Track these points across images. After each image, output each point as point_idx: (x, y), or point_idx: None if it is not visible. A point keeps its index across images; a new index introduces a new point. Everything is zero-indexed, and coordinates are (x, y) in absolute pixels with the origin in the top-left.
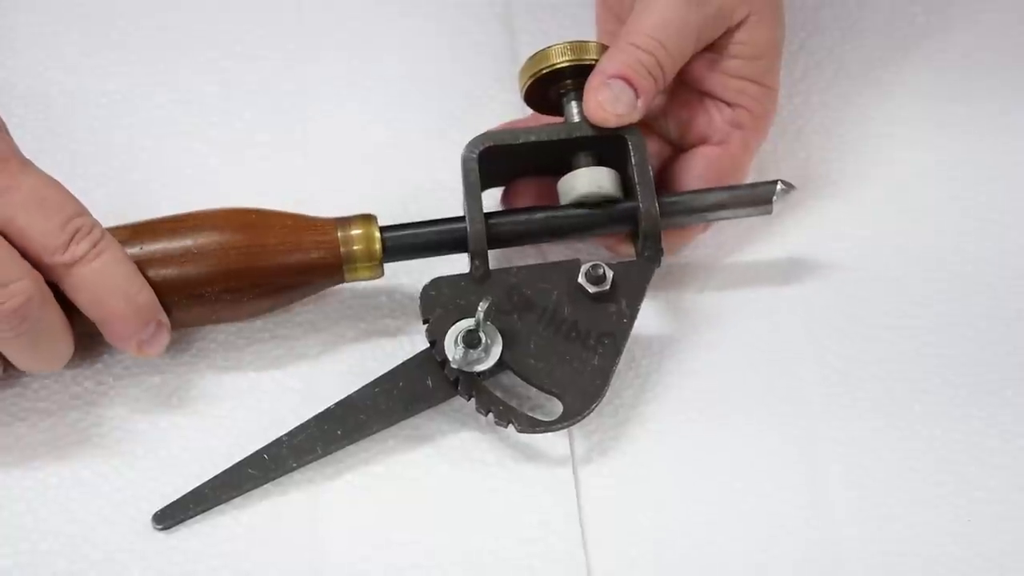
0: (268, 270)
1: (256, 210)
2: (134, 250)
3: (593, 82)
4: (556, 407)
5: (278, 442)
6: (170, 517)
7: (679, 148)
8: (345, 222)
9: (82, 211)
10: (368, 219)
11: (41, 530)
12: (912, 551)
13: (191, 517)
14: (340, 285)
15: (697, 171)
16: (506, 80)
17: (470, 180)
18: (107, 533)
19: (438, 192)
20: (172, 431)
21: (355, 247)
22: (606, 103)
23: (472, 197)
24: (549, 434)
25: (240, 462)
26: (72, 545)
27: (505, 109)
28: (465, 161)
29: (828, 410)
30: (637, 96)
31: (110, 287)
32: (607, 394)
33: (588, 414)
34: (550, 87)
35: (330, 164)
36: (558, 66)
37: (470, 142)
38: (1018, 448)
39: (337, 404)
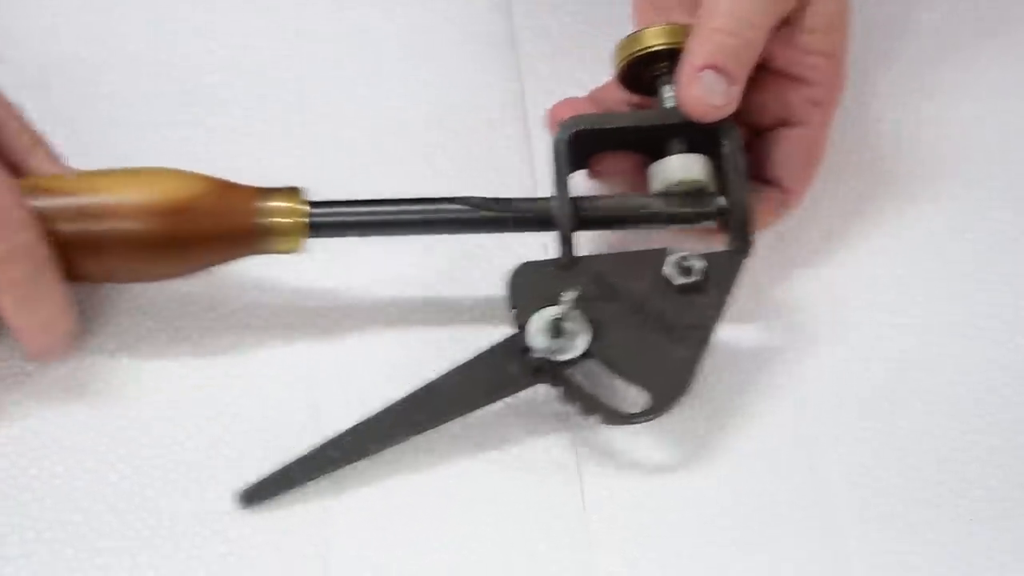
0: (184, 234)
1: (177, 171)
2: (45, 203)
3: (683, 76)
4: (636, 399)
5: (359, 426)
6: (255, 496)
7: (756, 130)
8: (268, 193)
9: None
10: (292, 192)
11: (47, 519)
12: (911, 550)
13: (275, 496)
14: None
15: (782, 154)
16: (505, 69)
17: (560, 163)
18: (112, 522)
19: (436, 180)
20: (175, 424)
21: (276, 219)
22: (702, 97)
23: (561, 181)
24: (552, 436)
25: (322, 445)
26: (78, 534)
27: (505, 97)
28: (556, 144)
29: (830, 410)
30: (730, 83)
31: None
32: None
33: (674, 406)
34: (644, 69)
35: (328, 152)
36: (652, 49)
37: (562, 124)
38: (1017, 447)
39: (419, 389)
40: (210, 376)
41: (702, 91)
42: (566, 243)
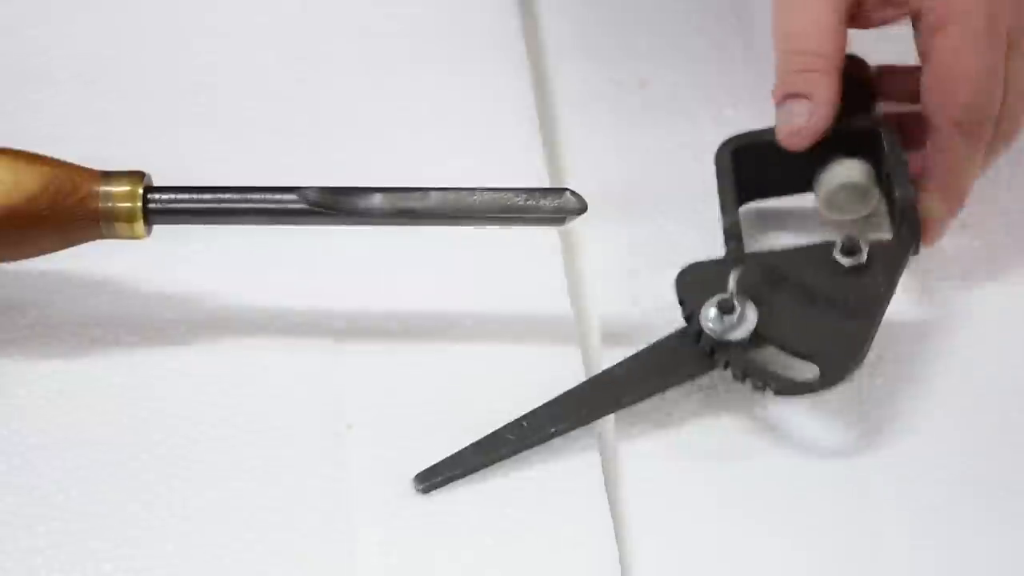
0: (22, 214)
1: (21, 152)
2: None
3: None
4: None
5: (537, 410)
6: (432, 478)
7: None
8: (110, 177)
9: None
10: (135, 177)
11: (73, 510)
12: (946, 544)
13: (451, 481)
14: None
15: (921, 89)
16: (516, 62)
17: (723, 175)
18: (139, 513)
19: (446, 176)
20: (198, 415)
21: (117, 204)
22: (783, 128)
23: (724, 192)
24: (575, 431)
25: (500, 428)
26: (105, 526)
27: (516, 93)
28: (718, 159)
29: (867, 408)
30: (812, 101)
31: None
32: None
33: (848, 378)
34: None
35: (336, 149)
36: None
37: (723, 142)
38: None
39: (597, 376)
40: (231, 368)
41: (781, 121)
42: (734, 240)
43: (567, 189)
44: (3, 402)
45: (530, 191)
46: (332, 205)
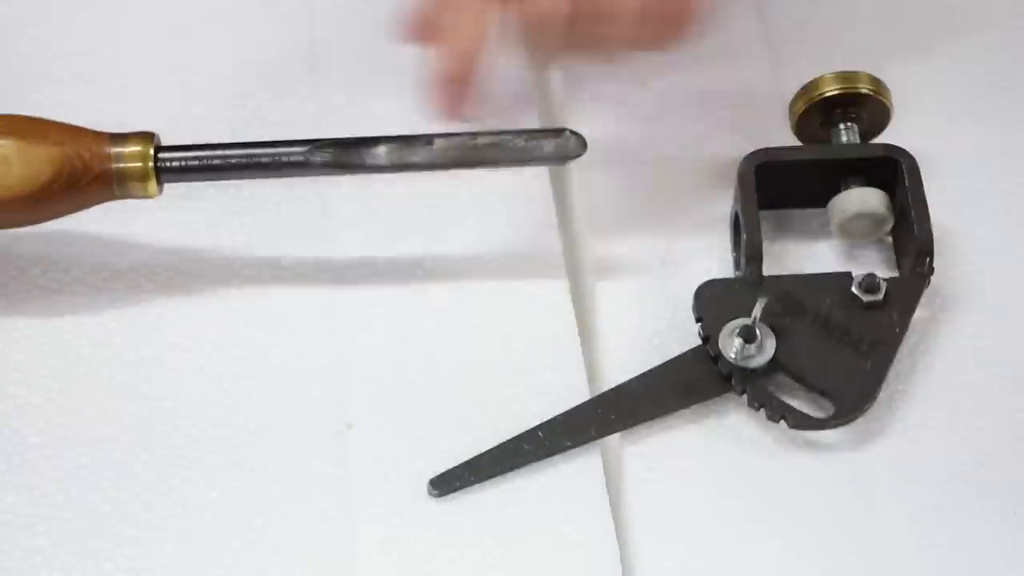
0: (35, 197)
1: (31, 125)
2: None
3: None
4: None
5: (554, 421)
6: (447, 484)
7: None
8: (121, 138)
9: None
10: (146, 137)
11: (75, 508)
12: (957, 543)
13: (466, 487)
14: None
15: None
16: (517, 62)
17: (747, 191)
18: (139, 512)
19: (447, 176)
20: (200, 413)
21: (129, 164)
22: None
23: (748, 207)
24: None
25: (515, 438)
26: (105, 524)
27: (516, 94)
28: (742, 175)
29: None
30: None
31: None
32: None
33: (861, 415)
34: (818, 117)
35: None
36: (828, 94)
37: (747, 157)
38: None
39: (613, 390)
40: (232, 368)
41: None
42: (756, 264)
43: (566, 129)
44: (3, 402)
45: (531, 132)
46: (339, 158)
